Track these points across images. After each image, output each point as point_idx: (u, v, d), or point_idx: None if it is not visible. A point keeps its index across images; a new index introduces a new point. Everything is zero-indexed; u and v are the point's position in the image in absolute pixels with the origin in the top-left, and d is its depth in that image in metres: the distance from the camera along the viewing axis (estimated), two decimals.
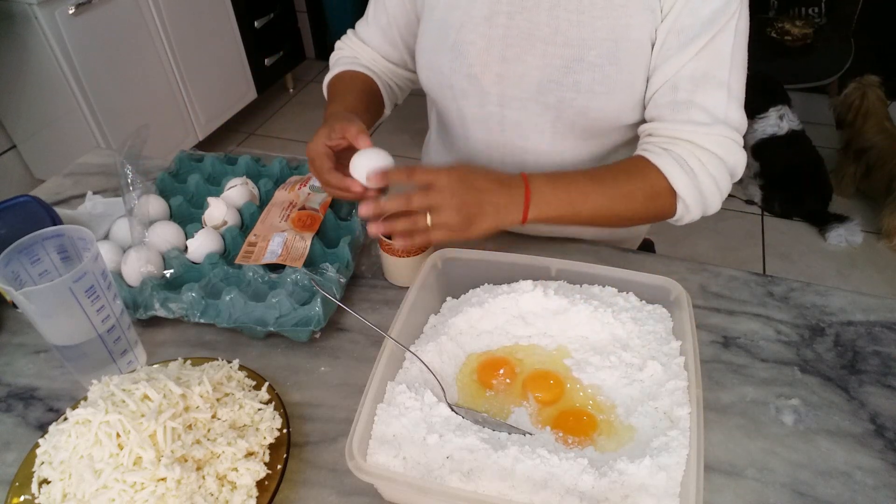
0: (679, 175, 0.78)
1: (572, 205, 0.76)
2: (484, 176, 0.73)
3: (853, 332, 0.77)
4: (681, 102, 0.78)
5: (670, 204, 0.81)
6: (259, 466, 0.58)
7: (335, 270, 0.79)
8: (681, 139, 0.79)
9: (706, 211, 0.82)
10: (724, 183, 0.81)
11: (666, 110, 0.80)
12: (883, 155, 2.26)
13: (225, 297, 0.75)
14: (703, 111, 0.78)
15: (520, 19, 0.81)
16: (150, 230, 0.85)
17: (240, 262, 0.83)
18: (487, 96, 0.86)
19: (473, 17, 0.83)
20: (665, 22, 0.77)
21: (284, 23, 3.06)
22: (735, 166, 0.81)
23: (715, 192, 0.80)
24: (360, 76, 0.97)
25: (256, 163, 1.03)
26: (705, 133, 0.78)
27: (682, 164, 0.78)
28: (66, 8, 1.94)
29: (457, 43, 0.84)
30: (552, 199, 0.75)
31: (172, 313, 0.77)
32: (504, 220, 0.72)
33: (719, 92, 0.78)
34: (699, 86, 0.78)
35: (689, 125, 0.78)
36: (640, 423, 0.61)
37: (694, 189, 0.78)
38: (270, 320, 0.74)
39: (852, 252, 2.24)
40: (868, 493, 0.60)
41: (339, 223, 0.89)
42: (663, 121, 0.80)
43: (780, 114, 2.32)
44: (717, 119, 0.78)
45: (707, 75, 0.77)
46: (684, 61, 0.77)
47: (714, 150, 0.78)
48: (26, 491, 0.58)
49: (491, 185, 0.72)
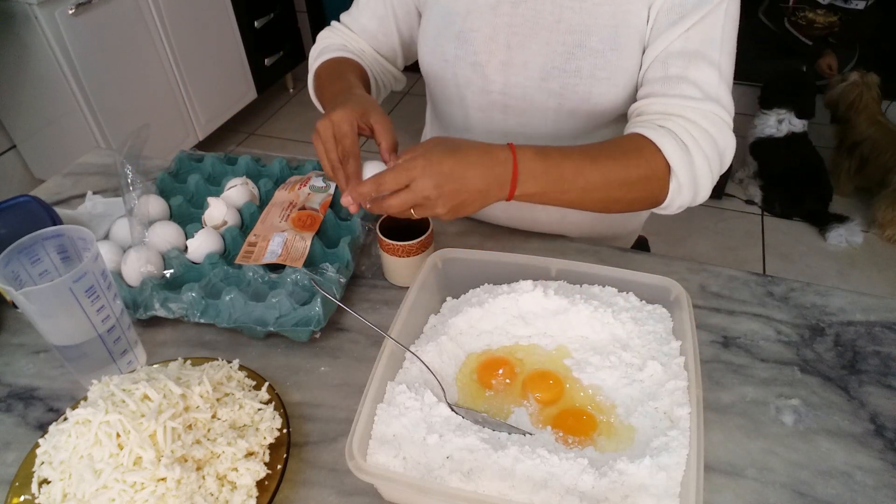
0: (675, 149, 0.75)
1: (563, 181, 0.71)
2: (465, 156, 0.67)
3: (853, 332, 0.77)
4: (672, 77, 0.78)
5: (663, 185, 0.77)
6: (259, 466, 0.58)
7: (335, 270, 0.79)
8: (672, 114, 0.77)
9: (696, 195, 0.78)
10: (715, 165, 0.78)
11: (657, 85, 0.79)
12: (876, 147, 2.27)
13: (225, 297, 0.75)
14: (695, 86, 0.77)
15: (524, 7, 0.82)
16: (150, 230, 0.85)
17: (240, 262, 0.83)
18: (491, 84, 0.86)
19: (479, 4, 0.84)
20: (657, 1, 0.78)
21: (284, 23, 3.06)
22: (725, 149, 0.78)
23: (706, 173, 0.77)
24: (355, 64, 0.94)
25: (256, 163, 1.03)
26: (696, 107, 0.77)
27: (677, 139, 0.75)
28: (66, 8, 1.94)
29: (462, 30, 0.85)
30: (541, 174, 0.70)
31: (172, 313, 0.77)
32: (489, 201, 0.70)
33: (711, 69, 0.77)
34: (691, 62, 0.77)
35: (680, 99, 0.77)
36: (640, 423, 0.61)
37: (688, 166, 0.75)
38: (270, 320, 0.74)
39: (852, 252, 2.24)
40: (868, 493, 0.60)
41: (339, 223, 0.89)
42: (654, 96, 0.79)
43: (780, 118, 2.32)
44: (708, 95, 0.77)
45: (698, 53, 0.77)
46: (674, 37, 0.77)
47: (706, 126, 0.76)
48: (26, 491, 0.58)
49: (473, 170, 0.67)
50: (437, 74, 0.91)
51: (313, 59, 0.97)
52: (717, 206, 2.45)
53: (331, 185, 0.93)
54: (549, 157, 0.71)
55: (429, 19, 0.90)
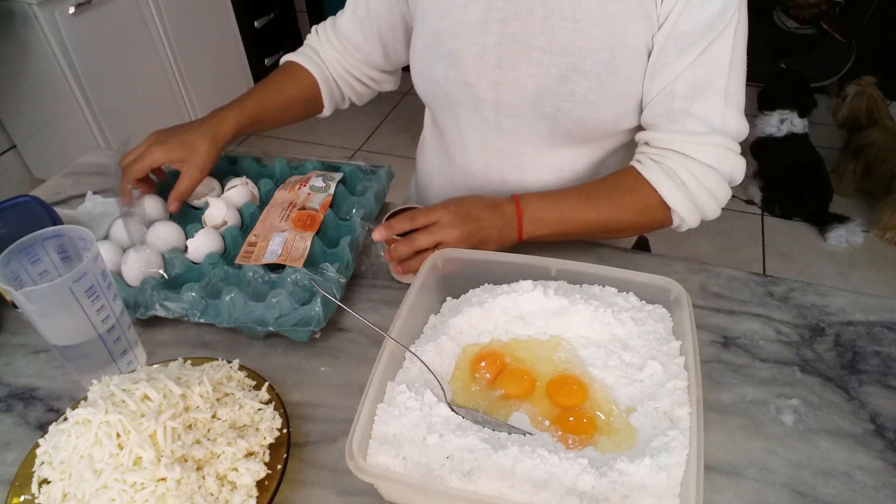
0: (670, 189, 0.79)
1: (563, 222, 0.80)
2: (477, 203, 0.78)
3: (853, 332, 0.77)
4: (676, 112, 0.78)
5: (664, 215, 0.82)
6: (259, 466, 0.58)
7: (335, 270, 0.79)
8: (673, 151, 0.79)
9: (705, 218, 0.83)
10: (721, 191, 0.81)
11: (661, 119, 0.79)
12: (883, 152, 2.27)
13: (225, 297, 0.75)
14: (699, 120, 0.77)
15: (514, 26, 0.80)
16: (149, 230, 0.85)
17: (240, 262, 0.83)
18: (483, 103, 0.86)
19: (467, 24, 0.82)
20: (662, 29, 0.76)
21: (284, 23, 3.06)
22: (732, 174, 0.81)
23: (710, 201, 0.81)
24: (300, 78, 1.01)
25: (257, 163, 1.03)
26: (698, 143, 0.78)
27: (673, 178, 0.79)
28: (66, 8, 1.94)
29: (452, 51, 0.84)
30: (544, 217, 0.80)
31: (172, 313, 0.76)
32: (504, 240, 0.79)
33: (716, 99, 0.77)
34: (696, 94, 0.77)
35: (683, 135, 0.78)
36: (640, 423, 0.61)
37: (686, 201, 0.80)
38: (270, 320, 0.74)
39: (852, 252, 2.24)
40: (868, 493, 0.60)
41: (339, 223, 0.89)
42: (659, 130, 0.80)
43: (782, 118, 2.32)
44: (712, 128, 0.77)
45: (704, 83, 0.76)
46: (681, 69, 0.76)
47: (708, 161, 0.78)
48: (26, 491, 0.58)
49: (485, 212, 0.77)
50: (429, 95, 0.91)
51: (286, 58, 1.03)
52: None
53: (331, 185, 0.93)
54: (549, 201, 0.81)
55: (418, 39, 0.89)
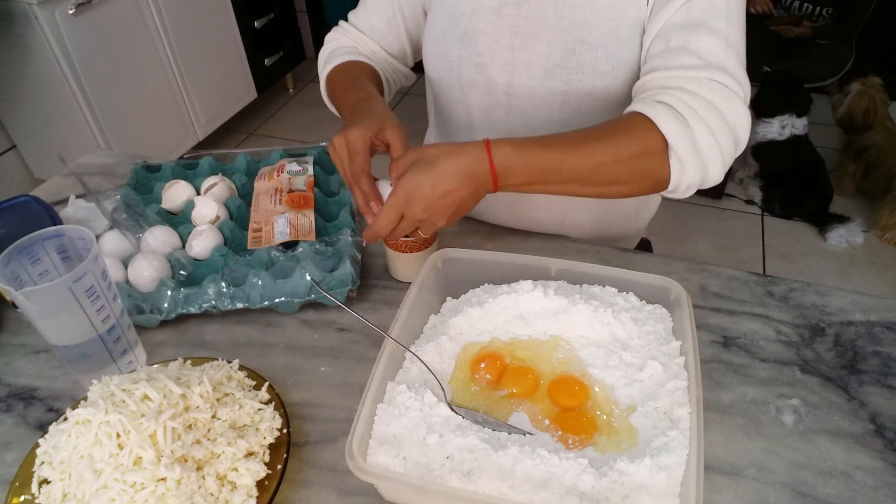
0: (671, 123, 0.69)
1: (545, 173, 0.69)
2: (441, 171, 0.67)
3: (853, 332, 0.77)
4: (673, 49, 0.74)
5: (662, 162, 0.71)
6: (259, 466, 0.58)
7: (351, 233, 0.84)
8: (672, 87, 0.71)
9: (705, 173, 0.71)
10: (724, 138, 0.70)
11: (658, 60, 0.75)
12: (883, 153, 2.27)
13: (252, 279, 0.77)
14: (696, 55, 0.72)
15: (528, 8, 0.82)
16: (146, 234, 0.85)
17: (252, 247, 0.85)
18: (495, 85, 0.86)
19: (483, 6, 0.84)
20: None
21: (284, 23, 3.06)
22: (736, 122, 0.70)
23: (712, 145, 0.69)
24: (368, 68, 0.94)
25: (217, 162, 1.03)
26: (697, 76, 0.71)
27: (674, 112, 0.69)
28: (66, 8, 1.94)
29: (467, 32, 0.85)
30: (520, 171, 0.69)
31: (200, 307, 0.78)
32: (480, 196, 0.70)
33: (715, 38, 0.72)
34: (692, 32, 0.73)
35: (680, 70, 0.72)
36: (640, 423, 0.61)
37: (687, 140, 0.69)
38: (304, 291, 0.78)
39: (852, 252, 2.24)
40: (868, 493, 0.60)
41: (328, 199, 0.94)
42: (655, 71, 0.75)
43: (783, 124, 2.32)
44: (710, 63, 0.71)
45: (701, 22, 0.73)
46: (675, 9, 0.73)
47: (707, 95, 0.70)
48: (26, 491, 0.58)
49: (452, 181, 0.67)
50: (442, 75, 0.91)
51: (324, 60, 0.97)
52: (717, 206, 2.46)
53: (307, 167, 0.97)
54: (527, 151, 0.68)
55: (434, 20, 0.90)
